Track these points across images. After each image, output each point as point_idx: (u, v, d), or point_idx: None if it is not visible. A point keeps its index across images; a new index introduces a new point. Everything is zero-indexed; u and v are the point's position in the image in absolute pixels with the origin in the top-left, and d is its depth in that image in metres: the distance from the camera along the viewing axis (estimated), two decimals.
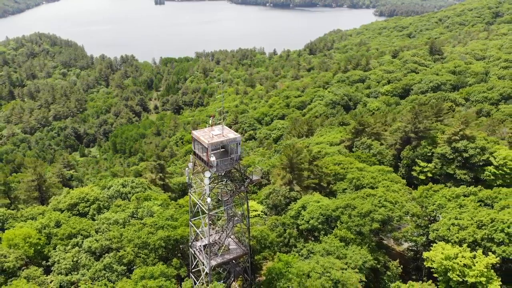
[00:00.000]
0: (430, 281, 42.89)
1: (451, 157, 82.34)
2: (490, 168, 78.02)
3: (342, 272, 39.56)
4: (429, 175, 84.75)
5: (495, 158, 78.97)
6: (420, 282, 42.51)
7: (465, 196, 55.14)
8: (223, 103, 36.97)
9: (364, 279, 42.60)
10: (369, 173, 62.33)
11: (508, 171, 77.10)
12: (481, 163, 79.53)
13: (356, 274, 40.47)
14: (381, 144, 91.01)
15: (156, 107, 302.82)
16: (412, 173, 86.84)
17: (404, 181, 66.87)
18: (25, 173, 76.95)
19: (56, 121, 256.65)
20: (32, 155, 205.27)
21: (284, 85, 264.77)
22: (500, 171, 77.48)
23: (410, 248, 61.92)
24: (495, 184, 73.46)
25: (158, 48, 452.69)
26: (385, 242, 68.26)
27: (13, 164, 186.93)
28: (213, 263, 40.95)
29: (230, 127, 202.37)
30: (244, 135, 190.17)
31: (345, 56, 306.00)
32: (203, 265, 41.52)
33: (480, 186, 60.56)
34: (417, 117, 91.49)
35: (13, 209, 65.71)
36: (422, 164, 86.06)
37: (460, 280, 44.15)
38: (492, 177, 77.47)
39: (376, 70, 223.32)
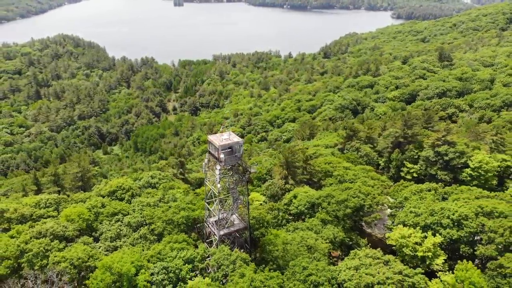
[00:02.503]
0: (379, 248, 55.64)
1: (434, 159, 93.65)
2: (467, 170, 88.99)
3: (315, 241, 53.16)
4: (415, 175, 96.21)
5: (472, 162, 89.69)
6: (370, 248, 55.33)
7: (428, 191, 67.34)
8: (229, 122, 50.97)
9: (337, 250, 55.71)
10: (352, 171, 75.20)
11: (482, 172, 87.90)
12: (459, 166, 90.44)
13: (326, 244, 54.00)
14: (373, 147, 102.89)
15: (174, 108, 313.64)
16: (401, 173, 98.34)
17: (383, 177, 78.86)
18: (70, 165, 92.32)
19: (81, 120, 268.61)
20: (58, 152, 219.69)
21: (297, 88, 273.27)
22: (475, 173, 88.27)
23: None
24: (471, 184, 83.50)
25: (176, 49, 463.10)
26: (368, 230, 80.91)
27: (41, 160, 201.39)
28: (221, 233, 55.64)
29: (244, 129, 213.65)
30: (256, 136, 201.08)
31: (358, 61, 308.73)
32: (215, 235, 55.95)
33: (441, 183, 72.34)
34: (406, 124, 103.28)
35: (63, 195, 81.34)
36: (409, 165, 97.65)
37: (412, 254, 56.83)
38: (468, 178, 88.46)
39: (385, 76, 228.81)
